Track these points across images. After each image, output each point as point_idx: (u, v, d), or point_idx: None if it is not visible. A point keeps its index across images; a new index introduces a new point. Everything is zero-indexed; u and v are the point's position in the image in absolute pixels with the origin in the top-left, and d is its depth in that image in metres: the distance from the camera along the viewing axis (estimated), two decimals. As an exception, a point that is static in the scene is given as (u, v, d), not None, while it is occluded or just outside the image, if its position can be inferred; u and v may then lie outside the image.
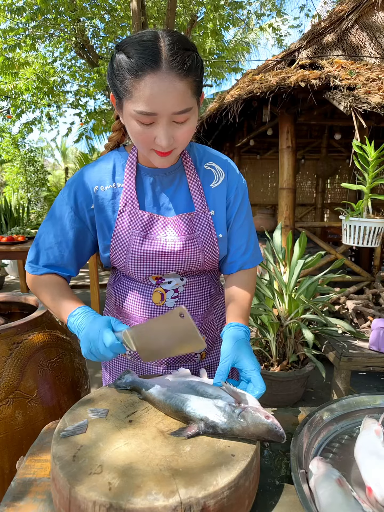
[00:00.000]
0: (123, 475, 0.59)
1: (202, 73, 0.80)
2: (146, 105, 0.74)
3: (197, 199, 0.96)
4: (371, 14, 3.21)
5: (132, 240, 0.93)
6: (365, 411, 0.90)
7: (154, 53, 0.71)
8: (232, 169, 1.01)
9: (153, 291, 1.00)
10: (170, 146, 0.81)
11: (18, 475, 0.73)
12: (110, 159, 0.97)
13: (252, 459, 0.63)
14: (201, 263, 0.98)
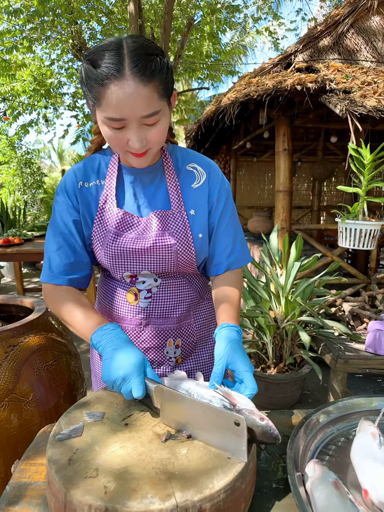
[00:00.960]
0: (119, 479, 0.59)
1: (169, 75, 0.82)
2: (114, 112, 0.77)
3: (174, 198, 0.97)
4: (366, 18, 3.24)
5: (106, 237, 0.95)
6: (361, 414, 0.90)
7: (117, 62, 0.74)
8: (214, 171, 1.02)
9: (128, 290, 1.03)
10: (144, 147, 0.84)
11: (13, 479, 0.72)
12: (95, 159, 1.01)
13: (248, 462, 0.63)
14: (175, 262, 0.98)
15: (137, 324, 1.04)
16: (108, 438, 0.68)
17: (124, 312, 1.04)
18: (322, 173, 5.82)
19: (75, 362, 1.40)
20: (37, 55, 7.31)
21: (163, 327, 1.04)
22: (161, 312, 1.04)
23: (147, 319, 1.03)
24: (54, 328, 1.37)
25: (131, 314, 1.03)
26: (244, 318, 2.57)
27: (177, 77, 8.60)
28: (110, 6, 6.75)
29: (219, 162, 6.50)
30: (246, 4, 7.47)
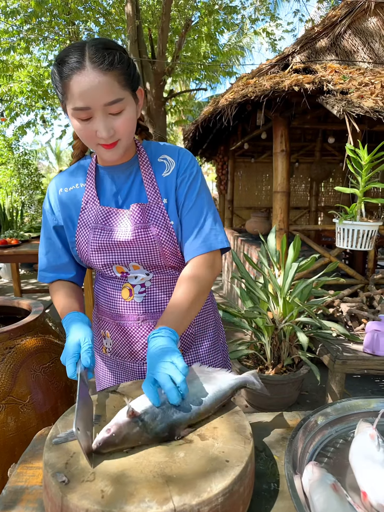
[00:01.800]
0: (116, 483, 0.58)
1: (131, 68, 0.87)
2: (78, 101, 0.82)
3: (150, 190, 1.00)
4: (363, 19, 3.25)
5: (90, 234, 1.00)
6: (359, 415, 0.89)
7: (79, 56, 0.80)
8: (183, 156, 1.03)
9: (122, 286, 1.05)
10: (113, 138, 0.87)
11: (10, 482, 0.72)
12: (75, 165, 1.08)
13: (246, 464, 0.63)
14: (160, 252, 0.99)
15: (135, 320, 1.05)
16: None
17: (121, 309, 1.06)
18: (320, 174, 5.83)
19: (72, 364, 1.39)
20: (35, 56, 7.29)
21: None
22: (157, 306, 1.05)
23: (144, 314, 1.04)
24: (51, 330, 1.37)
25: (128, 310, 1.05)
26: (242, 319, 2.57)
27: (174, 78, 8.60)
28: (108, 7, 6.74)
29: (217, 163, 6.50)
30: (244, 5, 7.49)
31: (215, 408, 0.76)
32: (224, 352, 1.23)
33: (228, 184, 6.25)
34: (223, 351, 1.23)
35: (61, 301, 1.01)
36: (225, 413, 0.77)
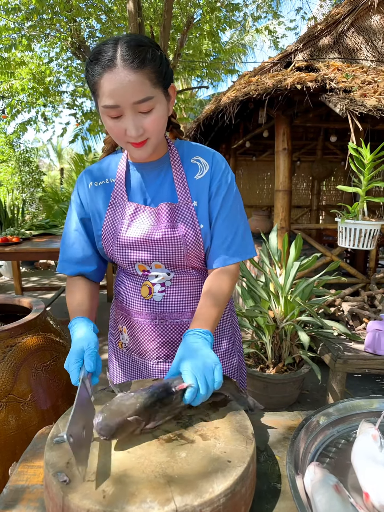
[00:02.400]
0: (117, 483, 0.58)
1: (163, 65, 0.85)
2: (108, 99, 0.82)
3: (180, 191, 0.99)
4: (366, 17, 3.23)
5: (117, 229, 1.00)
6: (361, 415, 0.89)
7: (111, 53, 0.80)
8: (218, 162, 1.01)
9: (142, 284, 1.05)
10: (142, 136, 0.87)
11: (11, 481, 0.72)
12: (106, 159, 1.07)
13: (248, 465, 0.63)
14: (184, 254, 0.99)
15: (152, 318, 1.05)
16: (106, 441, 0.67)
17: (140, 306, 1.06)
18: (321, 173, 5.82)
19: (73, 362, 1.39)
20: (36, 53, 7.27)
21: (178, 322, 1.06)
22: (175, 306, 1.05)
23: (162, 313, 1.05)
24: (52, 328, 1.36)
25: (146, 308, 1.05)
26: (243, 318, 2.57)
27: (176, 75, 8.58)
28: (109, 4, 6.72)
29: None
30: (246, 3, 7.45)
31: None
32: (240, 355, 1.22)
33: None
34: (239, 354, 1.22)
35: (73, 302, 1.01)
36: (226, 412, 0.77)
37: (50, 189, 8.81)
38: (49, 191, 8.58)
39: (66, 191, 8.24)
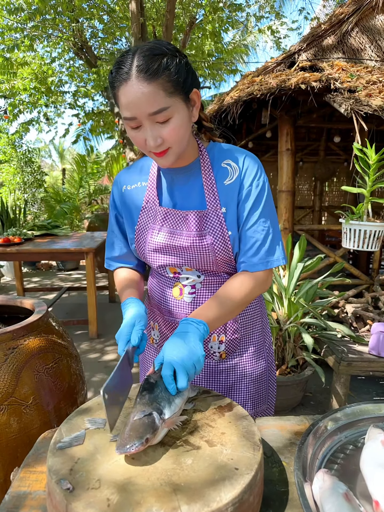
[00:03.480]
0: (122, 491, 0.56)
1: (180, 72, 0.83)
2: (126, 111, 0.83)
3: (210, 197, 0.98)
4: (371, 17, 3.21)
5: (148, 233, 1.02)
6: (369, 420, 0.87)
7: (127, 65, 0.80)
8: (249, 165, 0.98)
9: (173, 285, 1.07)
10: (161, 146, 0.86)
11: (13, 487, 0.70)
12: (139, 162, 1.09)
13: (256, 472, 0.61)
14: (213, 261, 1.00)
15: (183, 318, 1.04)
16: (110, 447, 0.66)
17: (171, 306, 1.09)
18: (324, 173, 5.79)
19: (75, 365, 1.38)
20: (38, 54, 7.27)
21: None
22: None
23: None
24: (55, 330, 1.35)
25: (177, 308, 1.08)
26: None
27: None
28: (112, 5, 6.71)
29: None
30: (248, 3, 7.44)
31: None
32: (269, 358, 1.21)
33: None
34: (268, 357, 1.21)
35: (122, 287, 1.06)
36: (233, 418, 0.75)
37: (52, 190, 8.80)
38: (51, 191, 8.58)
39: (68, 192, 8.24)
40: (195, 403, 0.80)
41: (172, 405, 0.71)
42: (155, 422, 0.66)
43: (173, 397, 0.73)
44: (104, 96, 7.57)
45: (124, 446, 0.61)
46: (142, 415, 0.67)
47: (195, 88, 0.89)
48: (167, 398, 0.72)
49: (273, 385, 1.24)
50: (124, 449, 0.61)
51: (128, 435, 0.63)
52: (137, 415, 0.67)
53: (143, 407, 0.68)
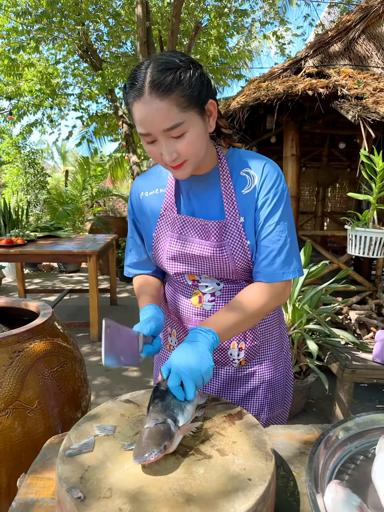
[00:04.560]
0: (134, 500, 0.55)
1: (194, 85, 0.81)
2: (140, 128, 0.83)
3: (229, 207, 0.97)
4: (378, 24, 3.22)
5: (167, 241, 1.01)
6: (380, 430, 0.86)
7: (141, 80, 0.79)
8: (268, 173, 0.96)
9: (192, 293, 1.06)
10: (177, 160, 0.86)
11: (20, 494, 0.69)
12: (157, 168, 1.07)
13: (269, 483, 0.60)
14: (233, 270, 0.99)
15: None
16: (121, 454, 0.65)
17: (190, 314, 1.08)
18: (327, 179, 5.80)
19: (80, 368, 1.37)
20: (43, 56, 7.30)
21: None
22: None
23: None
24: (60, 333, 1.34)
25: (196, 316, 1.07)
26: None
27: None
28: (118, 9, 6.75)
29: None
30: (253, 9, 7.47)
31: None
32: (286, 363, 1.21)
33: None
34: (286, 363, 1.20)
35: (139, 293, 1.07)
36: (243, 426, 0.74)
37: (54, 191, 8.80)
38: (54, 193, 8.58)
39: (70, 194, 8.24)
40: (205, 411, 0.79)
41: (185, 412, 0.70)
42: (170, 429, 0.65)
43: (184, 403, 0.72)
44: (108, 98, 7.60)
45: (142, 454, 0.60)
46: (157, 422, 0.66)
47: (211, 98, 0.87)
48: (179, 405, 0.71)
49: (290, 389, 1.23)
50: (142, 458, 0.60)
51: (145, 443, 0.62)
52: (152, 422, 0.66)
53: (157, 415, 0.68)
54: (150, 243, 1.06)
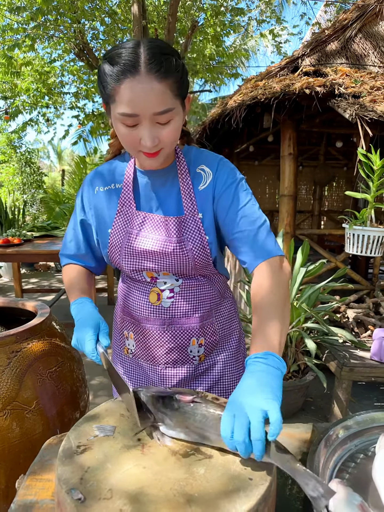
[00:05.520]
0: (135, 501, 0.55)
1: (184, 76, 0.83)
2: (127, 107, 0.78)
3: (187, 203, 0.96)
4: (374, 23, 3.22)
5: (125, 238, 0.98)
6: (379, 429, 0.86)
7: (133, 58, 0.76)
8: (222, 167, 0.97)
9: (150, 290, 1.03)
10: (156, 147, 0.84)
11: (18, 496, 0.68)
12: (113, 163, 1.04)
13: (270, 483, 0.60)
14: (193, 266, 0.98)
15: (160, 324, 1.04)
16: (121, 455, 0.65)
17: (147, 312, 1.05)
18: (323, 178, 5.81)
19: (78, 368, 1.36)
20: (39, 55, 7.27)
21: (186, 327, 1.05)
22: (184, 312, 1.04)
23: (170, 319, 1.04)
24: (58, 332, 1.33)
25: (154, 314, 1.04)
26: (248, 324, 2.54)
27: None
28: (114, 7, 6.72)
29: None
30: (249, 8, 7.47)
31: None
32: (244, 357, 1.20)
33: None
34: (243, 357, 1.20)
35: (72, 282, 1.03)
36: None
37: (51, 191, 8.78)
38: (50, 192, 8.55)
39: (67, 193, 8.22)
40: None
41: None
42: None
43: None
44: (104, 97, 7.55)
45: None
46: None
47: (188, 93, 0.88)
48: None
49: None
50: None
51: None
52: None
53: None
54: (105, 240, 1.01)
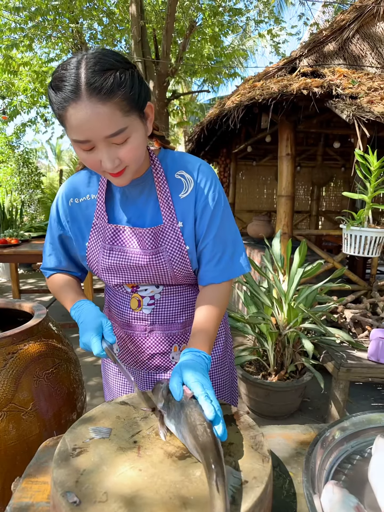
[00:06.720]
0: (130, 504, 0.55)
1: (135, 88, 0.75)
2: (77, 134, 0.74)
3: (165, 211, 0.93)
4: (372, 24, 3.23)
5: (100, 253, 0.96)
6: (375, 430, 0.86)
7: (73, 83, 0.70)
8: (203, 176, 0.94)
9: (131, 297, 1.03)
10: (119, 167, 0.80)
11: (14, 498, 0.68)
12: (87, 173, 1.00)
13: (266, 485, 0.60)
14: (171, 276, 0.96)
15: (142, 330, 1.04)
16: (116, 458, 0.64)
17: (129, 318, 1.05)
18: (321, 178, 5.82)
19: (75, 369, 1.36)
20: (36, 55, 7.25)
21: (168, 333, 1.05)
22: (165, 318, 1.04)
23: (151, 325, 1.04)
24: (54, 334, 1.33)
25: (136, 320, 1.04)
26: (245, 324, 2.54)
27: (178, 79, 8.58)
28: (111, 7, 6.72)
29: (219, 165, 6.47)
30: (248, 8, 7.47)
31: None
32: (231, 361, 1.22)
33: (229, 187, 6.21)
34: (230, 361, 1.21)
35: (64, 290, 1.01)
36: (240, 427, 0.74)
37: (49, 191, 8.76)
38: (48, 192, 8.54)
39: (65, 193, 8.21)
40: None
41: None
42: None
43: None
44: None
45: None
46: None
47: (148, 101, 0.82)
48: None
49: (235, 390, 1.23)
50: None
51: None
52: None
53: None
54: (83, 253, 1.00)
